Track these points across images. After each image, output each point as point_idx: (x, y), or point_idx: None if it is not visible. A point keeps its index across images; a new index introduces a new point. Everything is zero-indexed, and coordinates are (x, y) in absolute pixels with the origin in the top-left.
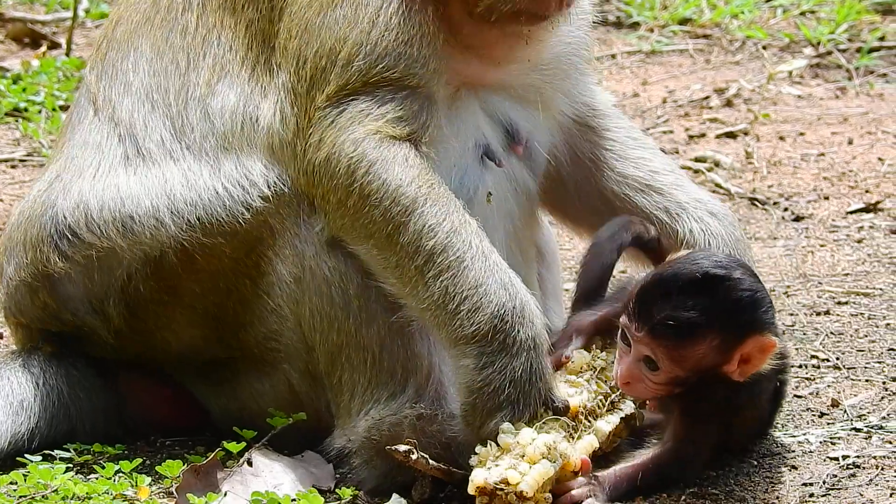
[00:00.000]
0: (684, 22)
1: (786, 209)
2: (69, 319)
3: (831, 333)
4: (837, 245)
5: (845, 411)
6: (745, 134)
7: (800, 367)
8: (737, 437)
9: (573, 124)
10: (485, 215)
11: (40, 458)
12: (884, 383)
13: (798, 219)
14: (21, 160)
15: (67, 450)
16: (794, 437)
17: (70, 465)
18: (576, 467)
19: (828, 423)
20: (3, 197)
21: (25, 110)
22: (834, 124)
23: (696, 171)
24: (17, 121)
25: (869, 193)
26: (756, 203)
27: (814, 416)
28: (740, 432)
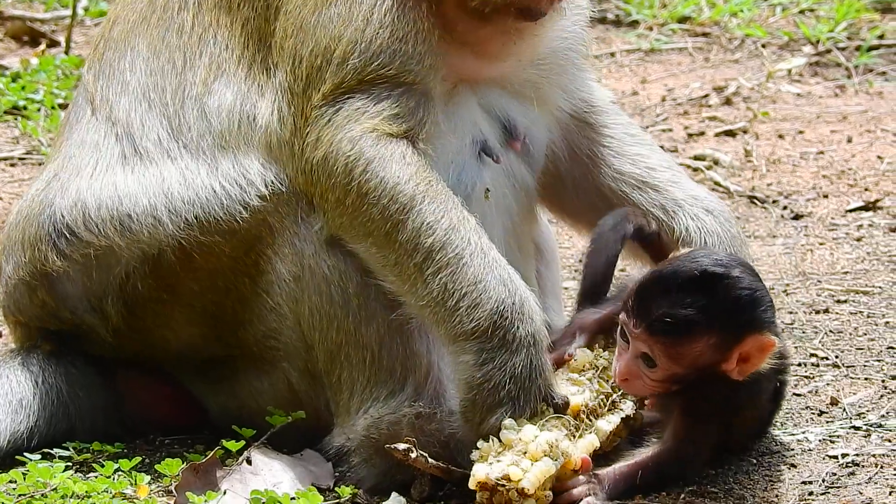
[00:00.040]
0: (683, 20)
1: (785, 207)
2: (68, 318)
3: (830, 331)
4: (837, 243)
5: (844, 409)
6: (745, 132)
7: (799, 365)
8: (737, 436)
9: (571, 120)
10: (483, 212)
11: (39, 456)
12: (883, 381)
13: (797, 217)
14: (20, 158)
15: (66, 448)
16: (794, 435)
17: (69, 464)
18: (576, 466)
19: (827, 422)
20: (3, 195)
21: (24, 108)
22: (833, 122)
23: (695, 170)
24: (16, 119)
25: (868, 192)
26: (755, 201)
27: (813, 414)
28: (740, 432)
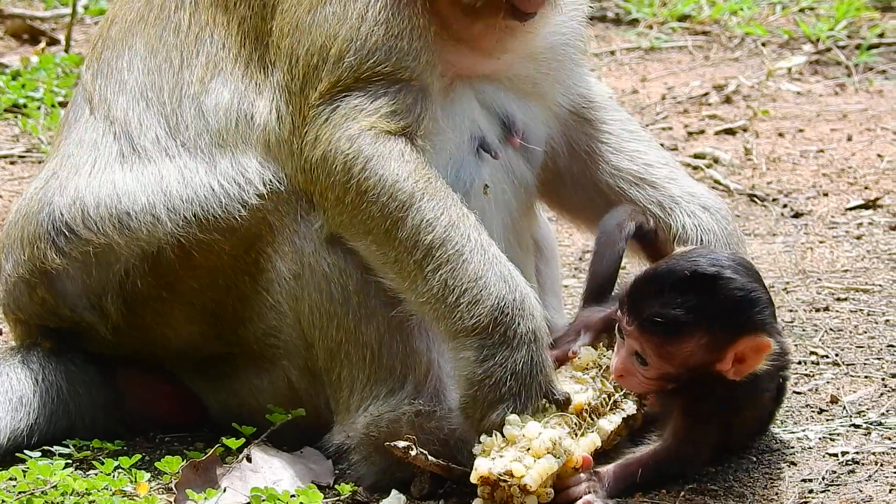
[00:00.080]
0: (683, 18)
1: (785, 206)
2: (67, 315)
3: (830, 330)
4: (836, 241)
5: (844, 408)
6: (745, 130)
7: (799, 363)
8: (737, 436)
9: (569, 115)
10: (482, 208)
11: (39, 454)
12: (883, 380)
13: (797, 215)
14: (20, 156)
15: (66, 446)
16: (794, 433)
17: (69, 461)
18: (577, 464)
19: (827, 420)
20: (2, 193)
21: (24, 106)
22: (833, 121)
23: (695, 168)
24: (16, 117)
25: (868, 190)
26: (755, 199)
27: (813, 412)
28: (740, 432)
